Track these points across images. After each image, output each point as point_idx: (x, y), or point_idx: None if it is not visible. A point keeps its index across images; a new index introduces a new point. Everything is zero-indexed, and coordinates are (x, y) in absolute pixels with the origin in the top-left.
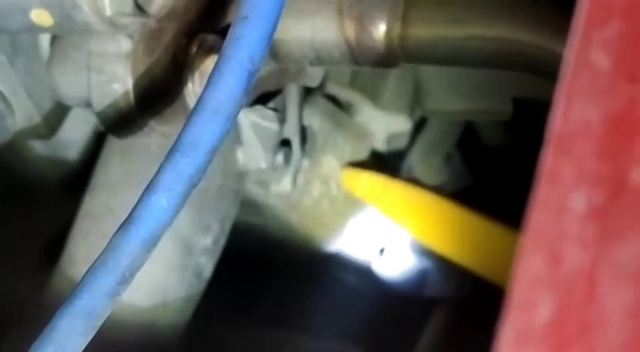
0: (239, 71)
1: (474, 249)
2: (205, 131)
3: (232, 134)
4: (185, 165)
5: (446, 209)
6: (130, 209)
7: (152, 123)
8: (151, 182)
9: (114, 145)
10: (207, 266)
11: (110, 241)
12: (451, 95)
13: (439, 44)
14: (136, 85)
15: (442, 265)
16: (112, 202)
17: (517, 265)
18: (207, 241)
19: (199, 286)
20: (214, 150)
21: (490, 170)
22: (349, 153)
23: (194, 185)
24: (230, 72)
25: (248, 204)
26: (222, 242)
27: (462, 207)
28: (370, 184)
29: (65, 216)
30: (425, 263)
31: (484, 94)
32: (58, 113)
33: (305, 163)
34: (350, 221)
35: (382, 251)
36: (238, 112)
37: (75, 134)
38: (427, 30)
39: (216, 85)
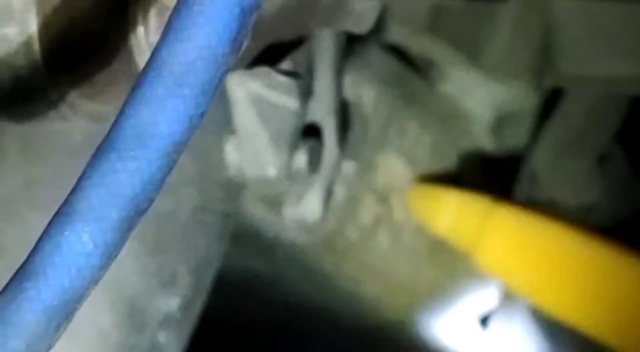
0: (223, 6)
1: (631, 320)
2: (161, 114)
3: (217, 118)
4: (126, 174)
5: (595, 254)
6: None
7: (74, 97)
8: (64, 205)
9: (8, 136)
10: (170, 347)
11: None
12: (605, 52)
13: None
14: (44, 30)
15: (581, 348)
16: (2, 233)
17: None
18: (170, 303)
19: None
20: (178, 149)
21: None
22: (428, 149)
23: (141, 210)
24: (207, 7)
25: (247, 240)
26: (198, 304)
27: (624, 252)
28: (462, 212)
29: None
30: (553, 344)
31: None
32: None
33: (348, 167)
34: (426, 268)
35: (484, 321)
36: (222, 79)
37: None
38: None
39: (182, 32)
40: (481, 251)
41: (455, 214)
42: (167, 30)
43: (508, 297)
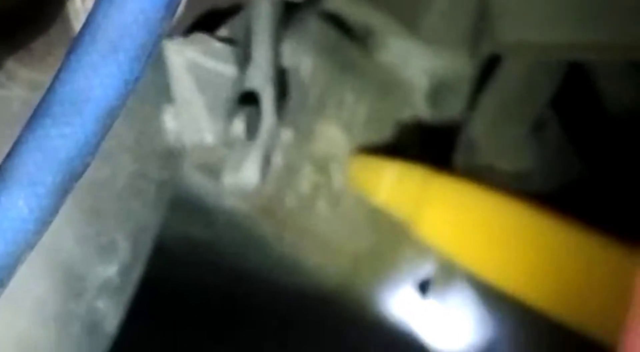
0: None
1: (576, 290)
2: (96, 79)
3: (154, 85)
4: (61, 139)
5: (532, 222)
6: None
7: (10, 64)
8: (0, 169)
9: None
10: (109, 313)
11: None
12: (541, 18)
13: None
14: None
15: (519, 315)
16: None
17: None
18: (108, 270)
19: (98, 348)
20: (112, 114)
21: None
22: (365, 118)
23: (76, 174)
24: None
25: (186, 207)
26: (137, 271)
27: (560, 218)
28: (401, 183)
29: None
30: (491, 312)
31: (600, 16)
32: None
33: (287, 135)
34: (365, 235)
35: (423, 288)
36: (157, 44)
37: None
38: None
39: None
40: (420, 221)
41: (394, 184)
42: None
43: (447, 265)
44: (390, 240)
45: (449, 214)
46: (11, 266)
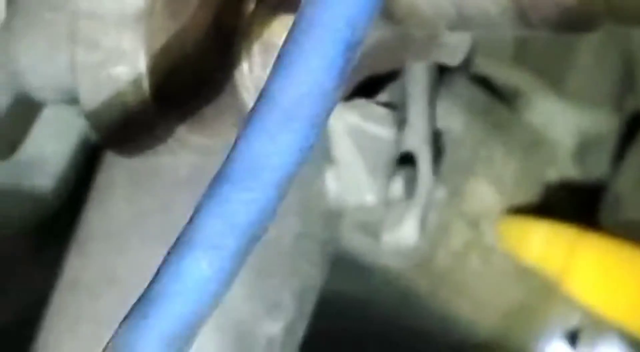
0: (330, 43)
1: None
2: (273, 147)
3: (317, 148)
4: (241, 205)
5: None
6: (146, 279)
7: (182, 131)
8: (182, 234)
9: (117, 170)
10: None
11: (114, 337)
12: None
13: None
14: (153, 69)
15: None
16: (114, 265)
17: None
18: (275, 327)
19: None
20: (289, 180)
21: None
22: (514, 176)
23: (255, 238)
24: (315, 45)
25: (346, 265)
26: (301, 328)
27: None
28: (550, 243)
29: (36, 285)
30: None
31: None
32: (23, 115)
33: (441, 193)
34: (516, 290)
35: (572, 339)
36: (330, 112)
37: (51, 149)
38: None
39: (291, 67)
40: (570, 280)
41: (543, 244)
42: (276, 66)
43: (597, 319)
44: (540, 295)
45: (599, 273)
46: (195, 327)
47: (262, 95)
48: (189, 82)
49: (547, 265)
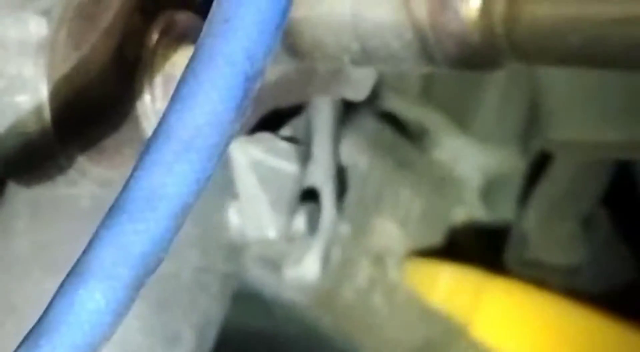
0: (229, 75)
1: None
2: (170, 178)
3: (219, 182)
4: (136, 235)
5: (587, 324)
6: (43, 308)
7: (83, 162)
8: (77, 264)
9: (18, 199)
10: None
11: None
12: (591, 118)
13: (572, 30)
14: (55, 98)
15: None
16: (14, 295)
17: None
18: None
19: None
20: (185, 211)
21: None
22: (421, 212)
23: (150, 269)
24: (214, 77)
25: (248, 299)
26: None
27: (613, 320)
28: (456, 286)
29: None
30: None
31: None
32: None
33: (345, 230)
34: (420, 328)
35: None
36: (228, 144)
37: None
38: (550, 7)
39: (190, 99)
40: (476, 323)
41: (449, 287)
42: (175, 97)
43: None
44: (444, 334)
45: (504, 317)
46: None
47: (160, 126)
48: (90, 112)
49: (454, 308)
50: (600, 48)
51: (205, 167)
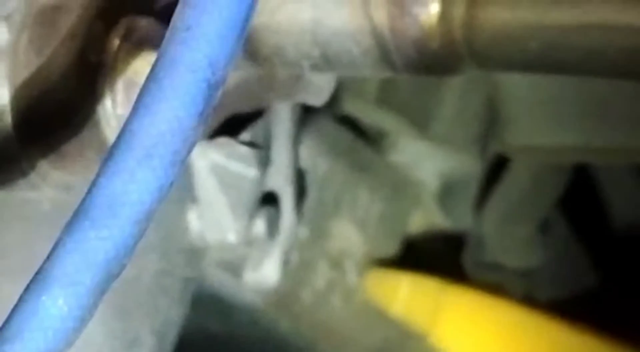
0: (192, 83)
1: None
2: (132, 185)
3: (179, 186)
4: (99, 242)
5: (544, 331)
6: (2, 314)
7: (44, 166)
8: (40, 271)
9: None
10: None
11: None
12: (549, 123)
13: (531, 37)
14: (17, 102)
15: None
16: None
17: None
18: None
19: None
20: (148, 217)
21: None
22: (378, 217)
23: (113, 275)
24: (176, 84)
25: (208, 303)
26: None
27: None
28: (415, 295)
29: None
30: None
31: (604, 121)
32: None
33: (304, 233)
34: (377, 330)
35: None
36: (190, 150)
37: None
38: (509, 13)
39: (152, 106)
40: (436, 331)
41: (409, 297)
42: (138, 104)
43: None
44: (403, 336)
45: (463, 325)
46: None
47: (122, 133)
48: (52, 117)
49: (414, 317)
50: (559, 54)
51: (167, 173)
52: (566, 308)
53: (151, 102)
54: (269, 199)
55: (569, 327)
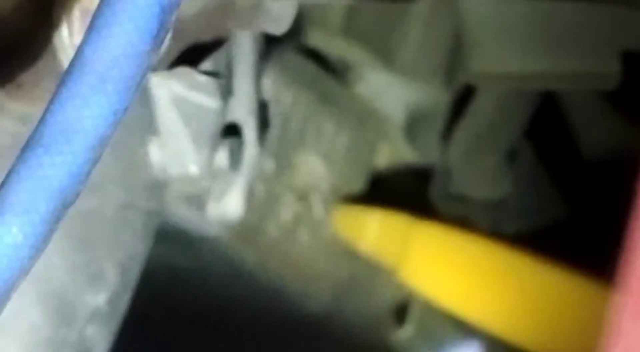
0: (144, 6)
1: (555, 328)
2: (87, 110)
3: (139, 118)
4: (53, 169)
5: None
6: None
7: (1, 98)
8: None
9: None
10: (98, 339)
11: None
12: (516, 49)
13: None
14: None
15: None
16: None
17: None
18: (97, 298)
19: None
20: (102, 143)
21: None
22: (344, 149)
23: (68, 202)
24: (129, 7)
25: (171, 236)
26: (125, 300)
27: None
28: (384, 231)
29: None
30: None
31: (571, 47)
32: None
33: (268, 165)
34: (344, 263)
35: (399, 317)
36: (145, 75)
37: None
38: None
39: (104, 30)
40: (405, 267)
41: (377, 234)
42: (90, 29)
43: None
44: (369, 268)
45: (432, 260)
46: (6, 293)
47: (75, 58)
48: (7, 47)
49: (383, 254)
50: None
51: (122, 98)
52: (534, 240)
53: (104, 25)
54: (232, 131)
55: (536, 260)
